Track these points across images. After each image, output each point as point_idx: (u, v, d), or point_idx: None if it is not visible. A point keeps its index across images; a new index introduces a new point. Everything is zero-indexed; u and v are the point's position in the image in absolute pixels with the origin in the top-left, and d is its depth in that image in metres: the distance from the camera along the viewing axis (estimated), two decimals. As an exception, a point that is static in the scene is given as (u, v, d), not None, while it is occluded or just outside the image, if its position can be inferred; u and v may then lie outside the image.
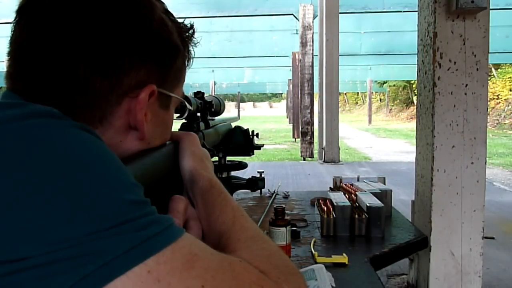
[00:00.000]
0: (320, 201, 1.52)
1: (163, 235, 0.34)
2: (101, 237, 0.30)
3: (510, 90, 16.83)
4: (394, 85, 26.25)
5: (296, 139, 11.36)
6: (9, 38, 0.45)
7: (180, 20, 0.54)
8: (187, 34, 0.54)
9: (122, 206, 0.33)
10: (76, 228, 0.30)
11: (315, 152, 8.31)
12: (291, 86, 15.28)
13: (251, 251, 0.43)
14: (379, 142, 12.40)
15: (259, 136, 1.32)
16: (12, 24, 0.44)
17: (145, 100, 0.46)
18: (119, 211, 0.32)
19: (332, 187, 1.78)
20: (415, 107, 2.01)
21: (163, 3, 0.51)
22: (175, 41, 0.50)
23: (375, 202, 1.37)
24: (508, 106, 16.12)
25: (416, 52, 1.83)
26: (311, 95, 8.22)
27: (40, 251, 0.29)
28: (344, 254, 1.10)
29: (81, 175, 0.32)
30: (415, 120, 1.89)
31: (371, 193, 1.48)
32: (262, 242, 0.47)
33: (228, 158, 1.24)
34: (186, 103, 0.63)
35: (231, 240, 0.46)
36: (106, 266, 0.30)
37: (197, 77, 19.56)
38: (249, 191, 1.46)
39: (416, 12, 1.81)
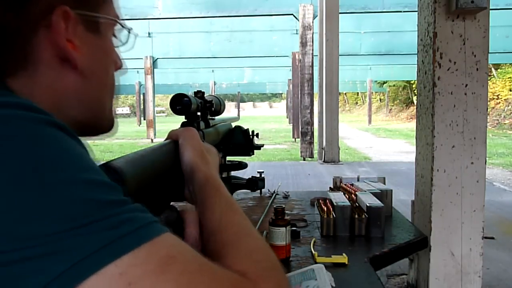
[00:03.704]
0: (320, 201, 1.52)
1: (136, 234, 0.32)
2: (71, 236, 0.30)
3: (510, 90, 16.83)
4: (394, 85, 26.25)
5: (296, 139, 11.36)
6: None
7: None
8: None
9: (92, 204, 0.32)
10: (45, 226, 0.30)
11: (315, 152, 8.31)
12: (291, 86, 15.28)
13: (233, 251, 0.43)
14: (379, 142, 12.41)
15: (259, 136, 1.32)
16: None
17: (59, 25, 0.42)
18: (89, 209, 0.31)
19: (332, 187, 1.78)
20: (415, 107, 2.01)
21: None
22: None
23: (375, 202, 1.37)
24: (508, 106, 16.12)
25: (416, 52, 1.83)
26: (311, 95, 8.22)
27: (10, 247, 0.29)
28: (344, 254, 1.10)
29: (50, 172, 0.32)
30: (415, 120, 1.89)
31: (371, 193, 1.48)
32: (245, 237, 0.46)
33: (228, 158, 1.25)
34: (122, 25, 0.54)
35: (217, 243, 0.45)
36: (76, 266, 0.29)
37: (197, 77, 19.58)
38: (249, 191, 1.46)
39: (416, 12, 1.81)
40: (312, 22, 8.13)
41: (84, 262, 0.30)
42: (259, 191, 1.79)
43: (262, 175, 1.54)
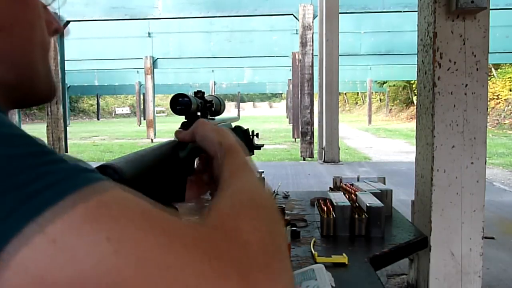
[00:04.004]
0: (320, 201, 1.52)
1: (59, 186, 0.28)
2: None
3: (510, 90, 16.83)
4: (394, 85, 26.26)
5: (296, 139, 11.36)
6: None
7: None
8: None
9: (4, 159, 0.28)
10: None
11: (315, 152, 8.31)
12: (291, 86, 15.28)
13: (221, 202, 0.39)
14: (379, 142, 12.41)
15: (259, 136, 1.32)
16: None
17: None
18: (1, 165, 0.27)
19: (332, 187, 1.78)
20: (415, 107, 2.01)
21: None
22: None
23: (375, 202, 1.37)
24: (508, 106, 16.12)
25: (416, 52, 1.83)
26: (311, 95, 8.22)
27: None
28: (344, 254, 1.10)
29: None
30: (415, 120, 1.89)
31: (371, 193, 1.48)
32: (243, 192, 0.42)
33: (228, 158, 1.24)
34: None
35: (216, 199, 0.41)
36: None
37: (197, 77, 19.59)
38: (249, 191, 1.45)
39: (416, 12, 1.81)
40: (312, 22, 8.13)
41: (0, 226, 0.26)
42: (259, 191, 1.79)
43: (262, 175, 1.54)
